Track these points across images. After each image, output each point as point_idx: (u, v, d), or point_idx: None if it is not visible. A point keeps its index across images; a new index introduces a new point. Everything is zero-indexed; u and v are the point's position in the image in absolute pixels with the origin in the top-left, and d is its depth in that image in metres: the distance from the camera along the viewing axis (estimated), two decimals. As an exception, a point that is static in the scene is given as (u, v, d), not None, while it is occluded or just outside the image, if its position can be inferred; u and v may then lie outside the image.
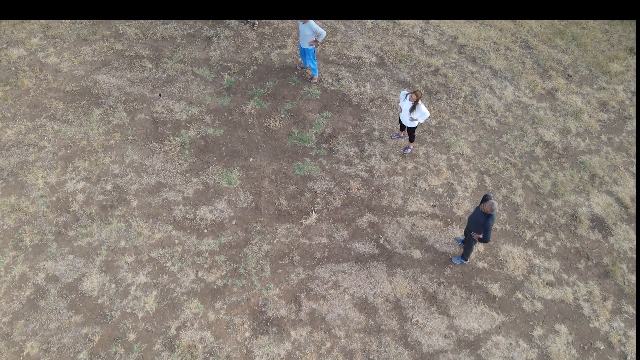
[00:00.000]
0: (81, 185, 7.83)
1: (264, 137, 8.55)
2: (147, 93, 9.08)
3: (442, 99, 9.13)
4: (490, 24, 10.39)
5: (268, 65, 9.59)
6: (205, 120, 8.73)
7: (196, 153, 8.31)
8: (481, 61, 9.75)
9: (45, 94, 8.97)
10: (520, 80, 9.45)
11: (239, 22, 10.28)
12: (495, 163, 8.24)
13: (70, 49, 9.66)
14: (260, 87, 9.24)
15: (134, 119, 8.69)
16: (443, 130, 8.67)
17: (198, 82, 9.27)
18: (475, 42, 10.05)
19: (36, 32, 9.91)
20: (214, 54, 9.72)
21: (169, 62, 9.55)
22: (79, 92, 9.02)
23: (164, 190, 7.84)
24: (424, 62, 9.68)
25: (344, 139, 8.53)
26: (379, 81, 9.39)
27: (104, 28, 10.06)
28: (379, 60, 9.75)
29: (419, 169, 8.16)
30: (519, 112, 8.96)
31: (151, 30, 10.08)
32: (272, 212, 7.67)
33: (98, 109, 8.80)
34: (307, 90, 9.19)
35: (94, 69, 9.38)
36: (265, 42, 9.97)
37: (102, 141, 8.37)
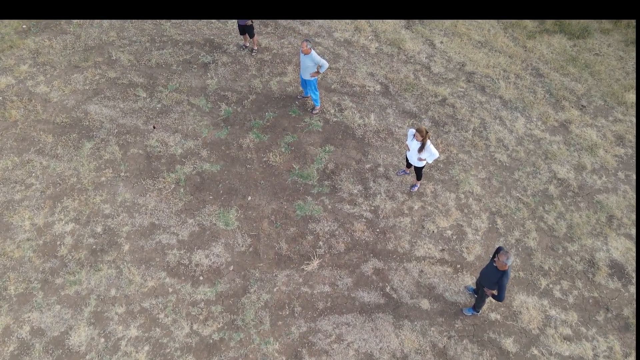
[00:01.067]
0: (70, 227, 7.51)
1: (263, 173, 8.24)
2: (141, 125, 8.78)
3: (450, 132, 8.83)
4: (499, 50, 10.12)
5: (267, 94, 9.30)
6: (201, 154, 8.43)
7: (192, 191, 8.00)
8: (490, 90, 9.46)
9: (33, 126, 8.67)
10: (532, 111, 9.16)
11: (237, 48, 10.00)
12: (507, 203, 7.92)
13: (60, 76, 9.37)
14: (260, 118, 8.94)
15: (127, 154, 8.39)
16: (452, 166, 8.36)
17: (194, 113, 8.97)
18: (484, 69, 9.76)
19: (25, 59, 9.62)
20: (211, 82, 9.43)
21: (163, 91, 9.26)
22: (69, 124, 8.72)
23: (158, 233, 7.53)
24: (431, 91, 9.39)
25: (348, 175, 8.22)
26: (383, 112, 9.10)
27: (96, 54, 9.78)
28: (384, 88, 9.46)
29: (427, 209, 7.84)
30: (531, 146, 8.66)
31: (145, 56, 9.79)
32: (271, 256, 7.36)
33: (89, 142, 8.49)
34: (309, 122, 8.89)
35: (85, 99, 9.09)
36: (264, 69, 9.68)
37: (93, 178, 8.06)
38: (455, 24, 10.55)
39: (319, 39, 10.28)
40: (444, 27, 10.53)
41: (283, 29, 10.45)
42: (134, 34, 10.22)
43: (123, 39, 10.10)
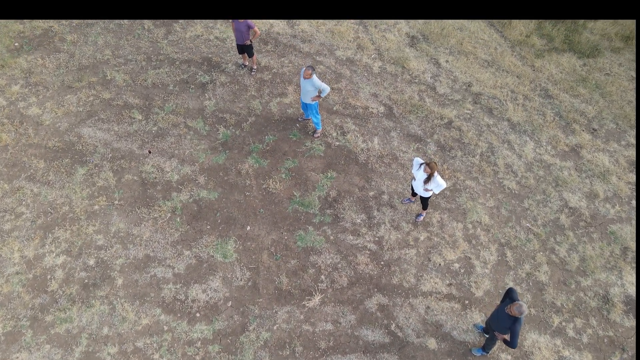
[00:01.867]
0: (61, 260, 7.28)
1: (262, 201, 8.02)
2: (136, 149, 8.57)
3: (457, 157, 8.61)
4: (506, 70, 9.91)
5: (267, 116, 9.09)
6: (198, 181, 8.20)
7: (188, 220, 7.78)
8: (498, 112, 9.25)
9: (25, 151, 8.46)
10: (541, 134, 8.94)
11: (236, 67, 9.80)
12: (517, 233, 7.70)
13: (53, 97, 9.16)
14: (259, 141, 8.73)
15: (121, 180, 8.17)
16: (458, 194, 8.14)
17: (191, 136, 8.76)
18: (491, 90, 9.55)
19: (17, 79, 9.41)
20: (208, 103, 9.22)
21: (160, 113, 9.05)
22: (62, 149, 8.50)
23: (153, 266, 7.30)
24: (436, 114, 9.18)
25: (350, 203, 8.00)
26: (387, 135, 8.88)
27: (91, 73, 9.57)
28: (388, 110, 9.25)
29: (433, 240, 7.62)
30: (541, 172, 8.44)
31: (141, 76, 9.59)
32: (271, 291, 7.12)
33: (82, 168, 8.28)
34: (310, 146, 8.68)
35: (79, 121, 8.88)
36: (264, 90, 9.48)
37: (86, 206, 7.83)
38: (461, 41, 10.35)
39: (320, 57, 10.08)
40: (449, 45, 10.33)
41: (283, 46, 10.26)
42: (130, 52, 10.02)
43: (118, 58, 9.90)
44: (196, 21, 10.59)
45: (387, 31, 10.58)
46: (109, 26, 10.47)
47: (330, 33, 10.54)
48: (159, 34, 10.36)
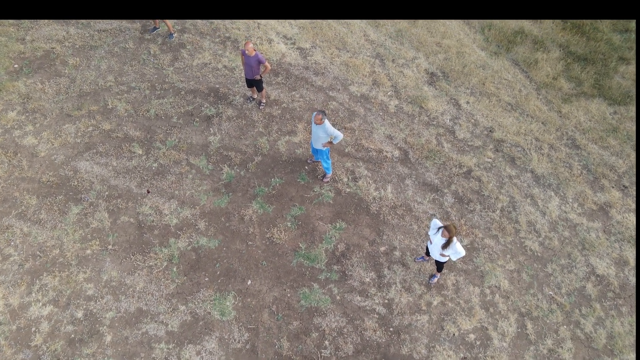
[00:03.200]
0: (47, 311, 6.94)
1: (265, 252, 7.64)
2: (134, 188, 8.24)
3: (476, 211, 8.19)
4: (531, 115, 9.49)
5: (274, 156, 8.73)
6: (198, 226, 7.85)
7: (186, 270, 7.41)
8: (521, 162, 8.82)
9: (17, 185, 8.15)
10: (567, 189, 8.50)
11: (244, 99, 9.46)
12: (539, 302, 7.25)
13: (50, 127, 8.87)
14: (265, 184, 8.36)
15: (116, 222, 7.83)
16: (476, 254, 7.71)
17: (193, 176, 8.41)
18: (514, 137, 9.14)
19: (14, 104, 9.14)
20: (213, 139, 8.88)
21: (161, 148, 8.72)
22: (56, 184, 8.19)
23: (145, 321, 6.93)
24: (455, 161, 8.77)
25: (360, 259, 7.60)
26: (402, 183, 8.48)
27: (91, 101, 9.28)
28: (403, 155, 8.86)
29: (447, 306, 7.19)
30: (567, 233, 8.00)
31: (144, 106, 9.28)
32: (270, 356, 6.73)
33: (76, 206, 7.95)
34: (319, 192, 8.30)
35: (76, 154, 8.57)
36: (272, 126, 9.13)
37: (77, 250, 7.50)
38: (484, 81, 9.95)
39: (333, 92, 9.73)
40: (470, 84, 9.94)
41: (295, 79, 9.91)
42: (133, 79, 9.72)
43: (121, 85, 9.61)
44: (205, 47, 10.30)
45: (405, 66, 10.22)
46: (113, 49, 10.20)
47: (345, 66, 10.19)
48: (165, 60, 10.07)
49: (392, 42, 10.69)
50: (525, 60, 10.36)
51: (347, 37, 10.72)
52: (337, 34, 10.78)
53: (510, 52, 10.55)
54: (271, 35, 10.68)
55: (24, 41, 10.23)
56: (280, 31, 10.78)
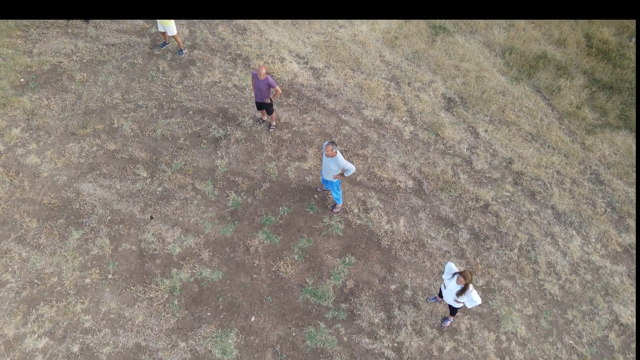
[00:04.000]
0: (43, 343, 6.76)
1: (271, 286, 7.41)
2: (137, 212, 8.06)
3: (492, 249, 7.89)
4: (553, 146, 9.17)
5: (283, 182, 8.50)
6: (202, 256, 7.64)
7: (187, 304, 7.20)
8: (542, 197, 8.50)
9: (17, 207, 8.01)
10: (590, 229, 8.17)
11: (254, 121, 9.26)
12: (558, 352, 6.93)
13: (54, 145, 8.74)
14: (272, 213, 8.14)
15: (118, 250, 7.65)
16: (492, 295, 7.41)
17: (198, 202, 8.21)
18: (535, 169, 8.82)
19: (19, 121, 9.02)
20: (220, 163, 8.69)
21: (167, 171, 8.54)
22: (58, 207, 8.03)
23: (143, 358, 6.74)
24: (471, 194, 8.48)
25: (369, 298, 7.34)
26: (415, 216, 8.21)
27: (97, 119, 9.14)
28: (417, 185, 8.58)
29: (460, 352, 6.89)
30: (589, 276, 7.66)
31: (151, 126, 9.11)
32: (272, 401, 6.48)
33: (77, 231, 7.79)
34: (328, 223, 8.05)
35: (79, 175, 8.42)
36: (282, 151, 8.91)
37: (76, 279, 7.33)
38: (503, 108, 9.66)
39: (346, 116, 9.49)
40: (489, 111, 9.64)
41: (306, 101, 9.70)
42: (141, 96, 9.57)
43: (128, 102, 9.46)
44: (215, 65, 10.13)
45: (421, 90, 9.96)
46: (121, 65, 10.07)
47: (359, 88, 9.95)
48: (173, 78, 9.91)
49: (408, 63, 10.44)
50: (547, 87, 10.05)
51: (362, 57, 10.49)
52: (351, 53, 10.56)
53: (532, 77, 10.24)
54: (283, 54, 10.48)
55: (32, 54, 10.14)
56: (293, 49, 10.58)
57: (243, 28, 10.95)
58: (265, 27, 10.99)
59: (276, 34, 10.87)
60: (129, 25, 10.83)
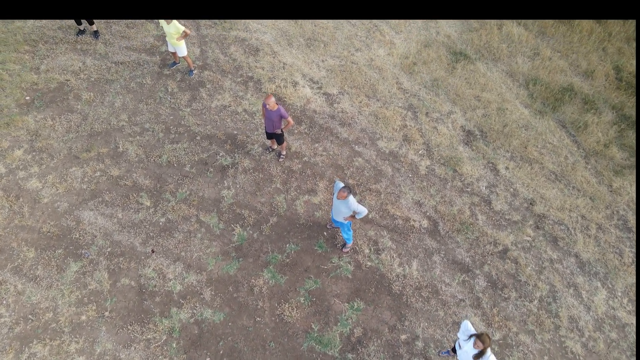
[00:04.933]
0: (34, 385, 6.54)
1: (274, 331, 7.12)
2: (138, 245, 7.84)
3: (510, 299, 7.53)
4: (578, 188, 8.78)
5: (291, 217, 8.23)
6: (203, 295, 7.39)
7: (186, 347, 6.95)
8: (565, 244, 8.12)
9: (16, 234, 7.85)
10: (617, 280, 7.77)
11: (263, 149, 9.01)
12: (579, 419, 6.53)
13: (57, 169, 8.57)
14: (279, 250, 7.87)
15: (116, 285, 7.44)
16: (509, 351, 7.05)
17: (202, 235, 7.98)
18: (558, 212, 8.44)
19: (22, 142, 8.88)
20: (227, 194, 8.45)
21: (171, 201, 8.32)
22: (57, 235, 7.85)
23: (137, 405, 6.47)
24: (490, 237, 8.13)
25: (377, 348, 7.02)
26: (429, 259, 7.88)
27: (102, 142, 8.97)
28: (432, 225, 8.26)
29: (474, 414, 6.52)
30: (614, 334, 7.26)
31: (156, 151, 8.91)
32: None
33: (75, 263, 7.60)
34: (337, 264, 7.76)
35: (80, 202, 8.24)
36: (291, 182, 8.64)
37: (72, 315, 7.12)
38: (526, 144, 9.30)
39: (359, 147, 9.21)
40: (511, 147, 9.29)
41: (319, 129, 9.43)
42: (148, 119, 9.39)
43: (134, 125, 9.28)
44: (225, 88, 9.92)
45: (439, 121, 9.64)
46: (129, 85, 9.90)
47: (374, 117, 9.67)
48: (182, 100, 9.72)
49: (426, 92, 10.13)
50: (573, 123, 9.67)
51: (378, 83, 10.21)
52: (367, 79, 10.28)
53: (557, 111, 9.87)
54: (296, 78, 10.24)
55: (39, 71, 10.02)
56: (306, 73, 10.34)
57: (256, 49, 10.74)
58: (278, 49, 10.77)
59: (290, 56, 10.64)
60: (139, 43, 10.69)
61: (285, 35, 11.06)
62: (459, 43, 11.02)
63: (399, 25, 11.33)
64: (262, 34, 11.06)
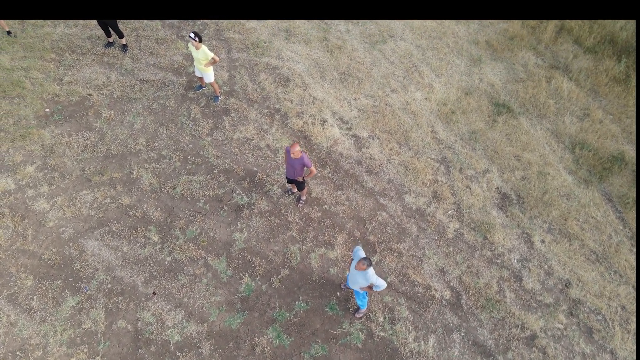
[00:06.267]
0: None
1: (272, 400, 6.73)
2: (140, 285, 7.57)
3: (534, 394, 6.97)
4: (620, 273, 8.18)
5: (304, 272, 7.85)
6: (202, 350, 7.06)
7: (176, 406, 6.61)
8: (600, 337, 7.52)
9: (16, 258, 7.67)
10: (655, 388, 7.12)
11: (282, 192, 8.66)
12: None
13: (67, 191, 8.39)
14: (287, 307, 7.49)
15: (112, 327, 7.16)
16: None
17: (208, 281, 7.66)
18: (595, 299, 7.85)
19: (35, 157, 8.75)
20: (239, 237, 8.12)
21: (180, 238, 8.04)
22: (58, 264, 7.64)
23: None
24: (517, 319, 7.59)
25: None
26: (447, 336, 7.38)
27: (116, 166, 8.77)
28: (455, 298, 7.76)
29: None
30: None
31: (171, 182, 8.66)
32: None
33: (73, 297, 7.37)
34: (348, 330, 7.34)
35: (86, 229, 8.02)
36: (308, 232, 8.27)
37: (62, 356, 6.89)
38: (566, 216, 8.72)
39: (385, 199, 8.78)
40: (549, 217, 8.73)
41: (344, 174, 9.04)
42: (166, 145, 9.16)
43: (152, 151, 9.06)
44: (250, 119, 9.64)
45: (473, 180, 9.14)
46: (152, 106, 9.71)
47: (404, 167, 9.23)
48: (204, 128, 9.47)
49: (463, 145, 9.65)
50: (621, 197, 9.05)
51: (412, 130, 9.77)
52: (401, 124, 9.86)
53: (604, 182, 9.26)
54: (326, 115, 9.89)
55: (62, 82, 9.92)
56: (337, 111, 9.98)
57: (286, 79, 10.44)
58: (310, 81, 10.45)
59: (321, 91, 10.31)
60: (167, 61, 10.51)
61: (318, 66, 10.74)
62: (503, 93, 10.51)
63: (440, 67, 10.89)
64: (295, 63, 10.76)
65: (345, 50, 11.08)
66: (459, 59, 11.13)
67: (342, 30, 11.53)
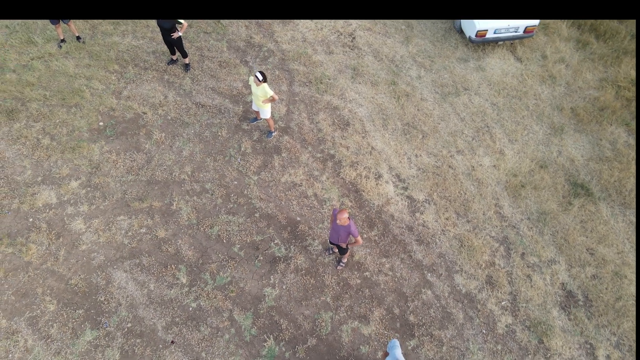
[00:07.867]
0: None
1: None
2: (161, 329, 7.38)
3: None
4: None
5: (333, 345, 7.38)
6: (211, 415, 6.72)
7: None
8: None
9: (44, 279, 7.70)
10: None
11: (323, 249, 8.26)
12: None
13: (105, 214, 8.38)
14: (308, 383, 7.04)
15: (125, 371, 6.98)
16: None
17: (230, 337, 7.36)
18: None
19: (81, 173, 8.83)
20: (270, 293, 7.78)
21: (209, 284, 7.81)
22: (83, 292, 7.60)
23: None
24: None
25: None
26: None
27: (157, 194, 8.68)
28: (496, 408, 7.02)
29: None
30: None
31: (210, 219, 8.46)
32: None
33: (91, 331, 7.28)
34: (370, 423, 6.78)
35: (117, 258, 7.95)
36: (344, 300, 7.80)
37: (70, 395, 6.74)
38: None
39: (432, 276, 8.19)
40: (619, 330, 7.83)
41: (391, 240, 8.53)
42: (211, 177, 8.99)
43: (195, 182, 8.91)
44: (301, 162, 9.31)
45: (536, 269, 8.34)
46: (203, 133, 9.60)
47: (459, 242, 8.57)
48: (252, 165, 9.24)
49: (529, 226, 8.86)
50: None
51: (474, 200, 9.09)
52: (462, 191, 9.20)
53: (691, 297, 8.18)
54: (382, 169, 9.40)
55: (120, 96, 10.01)
56: (394, 166, 9.46)
57: (346, 122, 10.05)
58: (371, 128, 9.99)
59: (381, 140, 9.83)
60: (227, 87, 10.39)
61: (382, 113, 10.27)
62: (583, 172, 9.60)
63: (515, 132, 10.12)
64: (358, 106, 10.35)
65: (414, 99, 10.54)
66: (537, 125, 10.31)
67: (413, 75, 11.00)
